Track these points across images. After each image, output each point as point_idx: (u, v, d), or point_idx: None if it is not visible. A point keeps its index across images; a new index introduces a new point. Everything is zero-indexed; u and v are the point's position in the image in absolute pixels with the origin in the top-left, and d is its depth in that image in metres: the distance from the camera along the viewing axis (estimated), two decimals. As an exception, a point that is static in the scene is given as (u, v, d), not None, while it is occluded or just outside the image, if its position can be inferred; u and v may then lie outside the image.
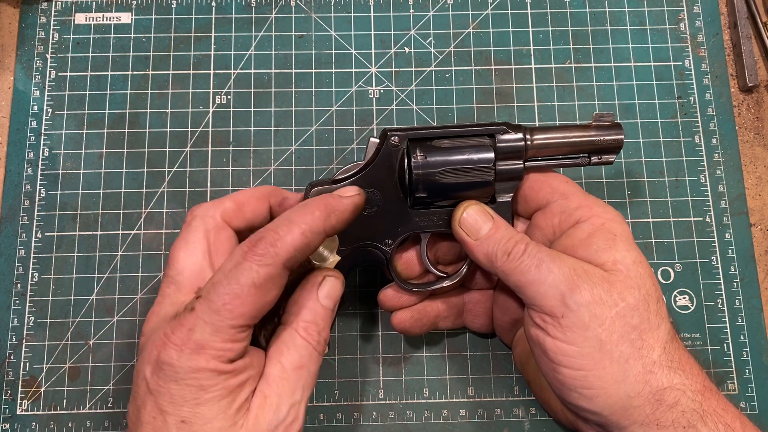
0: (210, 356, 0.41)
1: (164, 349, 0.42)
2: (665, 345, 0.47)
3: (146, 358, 0.43)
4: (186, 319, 0.42)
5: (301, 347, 0.46)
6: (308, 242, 0.45)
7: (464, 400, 0.62)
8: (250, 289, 0.43)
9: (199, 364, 0.41)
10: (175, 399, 0.41)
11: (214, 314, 0.42)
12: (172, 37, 0.69)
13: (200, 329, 0.42)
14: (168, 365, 0.41)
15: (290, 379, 0.45)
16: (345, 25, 0.70)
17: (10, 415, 0.61)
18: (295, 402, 0.45)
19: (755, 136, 0.68)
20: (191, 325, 0.42)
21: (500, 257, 0.49)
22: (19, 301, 0.63)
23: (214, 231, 0.49)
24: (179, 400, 0.41)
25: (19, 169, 0.66)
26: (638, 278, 0.48)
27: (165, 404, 0.41)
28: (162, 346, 0.42)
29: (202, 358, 0.41)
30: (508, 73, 0.69)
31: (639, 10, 0.70)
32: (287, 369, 0.45)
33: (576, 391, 0.47)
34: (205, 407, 0.42)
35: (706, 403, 0.47)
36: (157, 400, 0.42)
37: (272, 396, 0.44)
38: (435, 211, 0.53)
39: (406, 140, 0.52)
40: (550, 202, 0.53)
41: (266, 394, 0.44)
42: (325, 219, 0.47)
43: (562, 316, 0.47)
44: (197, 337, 0.41)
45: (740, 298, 0.64)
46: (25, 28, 0.69)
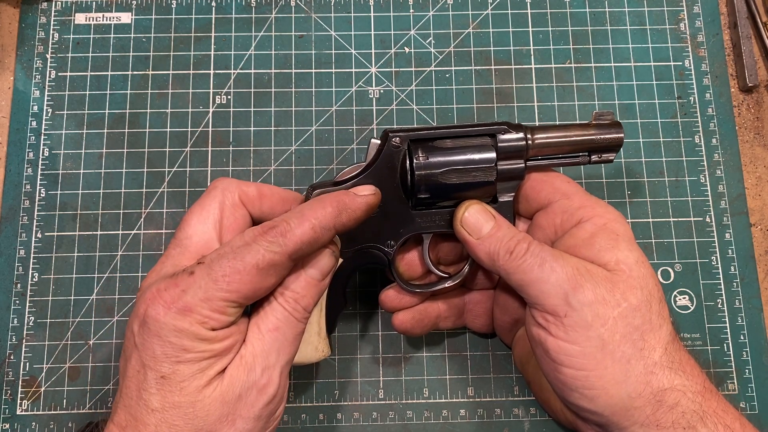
0: (194, 320, 0.43)
1: (153, 304, 0.43)
2: (666, 346, 0.48)
3: (136, 312, 0.44)
4: (181, 280, 0.43)
5: (277, 311, 0.47)
6: (317, 237, 0.46)
7: (464, 400, 0.62)
8: (252, 269, 0.44)
9: (182, 324, 0.42)
10: (157, 355, 0.42)
11: (210, 282, 0.43)
12: (172, 37, 0.69)
13: (192, 293, 0.43)
14: (153, 320, 0.43)
15: (264, 340, 0.46)
16: (345, 25, 0.70)
17: (10, 415, 0.60)
18: (269, 365, 0.45)
19: (755, 136, 0.68)
20: (185, 286, 0.43)
21: (502, 256, 0.49)
22: (19, 301, 0.63)
23: (231, 207, 0.50)
24: (161, 356, 0.42)
25: (19, 169, 0.66)
26: (641, 278, 0.48)
27: (147, 359, 0.43)
28: (151, 301, 0.43)
29: (187, 320, 0.42)
30: (508, 73, 0.69)
31: (639, 10, 0.70)
32: (262, 331, 0.46)
33: (577, 391, 0.47)
34: (184, 366, 0.43)
35: (706, 404, 0.47)
36: (141, 354, 0.43)
37: (246, 356, 0.45)
38: (437, 212, 0.53)
39: (407, 141, 0.52)
40: (552, 202, 0.53)
41: (242, 355, 0.45)
42: (336, 216, 0.47)
43: (565, 315, 0.47)
44: (187, 299, 0.43)
45: (740, 298, 0.64)
46: (25, 28, 0.69)
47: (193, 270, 0.44)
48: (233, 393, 0.44)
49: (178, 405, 0.43)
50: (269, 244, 0.44)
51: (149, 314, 0.43)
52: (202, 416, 0.43)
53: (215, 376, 0.44)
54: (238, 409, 0.44)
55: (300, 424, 0.61)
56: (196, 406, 0.43)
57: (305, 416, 0.61)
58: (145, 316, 0.43)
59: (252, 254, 0.44)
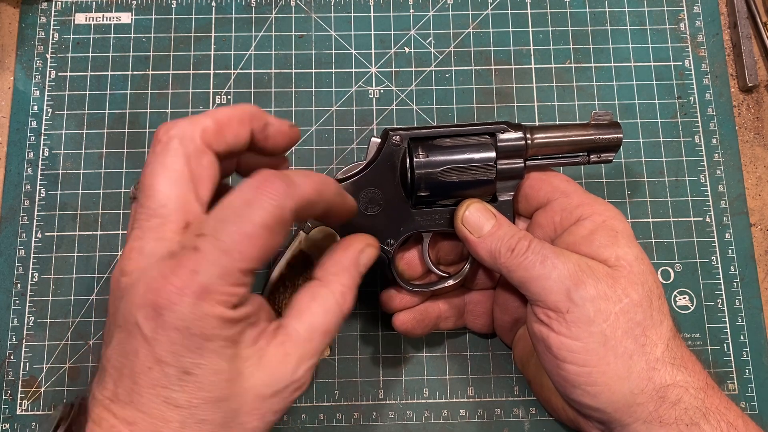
0: (215, 301, 0.38)
1: (163, 292, 0.37)
2: (668, 342, 0.48)
3: (138, 302, 0.38)
4: (188, 259, 0.38)
5: (334, 312, 0.44)
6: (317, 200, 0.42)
7: (464, 400, 0.62)
8: (262, 230, 0.39)
9: (203, 309, 0.37)
10: (177, 348, 0.37)
11: (223, 255, 0.38)
12: (172, 37, 0.69)
13: (206, 271, 0.37)
14: (168, 310, 0.37)
15: (315, 341, 0.43)
16: (345, 25, 0.70)
17: (10, 415, 0.60)
18: (312, 365, 0.42)
19: (755, 136, 0.68)
20: (195, 266, 0.38)
21: (504, 253, 0.49)
22: (19, 301, 0.63)
23: (195, 155, 0.42)
24: (181, 349, 0.37)
25: (19, 169, 0.66)
26: (641, 274, 0.48)
27: (164, 354, 0.37)
28: (160, 289, 0.37)
29: (207, 303, 0.37)
30: (508, 73, 0.69)
31: (639, 10, 0.70)
32: (316, 331, 0.43)
33: (580, 388, 0.47)
34: (210, 357, 0.38)
35: (709, 401, 0.47)
36: (154, 348, 0.38)
37: (293, 355, 0.41)
38: (437, 211, 0.53)
39: (407, 139, 0.52)
40: (551, 201, 0.53)
41: (288, 352, 0.41)
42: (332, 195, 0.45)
43: (567, 311, 0.47)
44: (202, 280, 0.37)
45: (740, 298, 0.64)
46: (25, 28, 0.69)
47: (197, 245, 0.38)
48: (271, 389, 0.41)
49: (207, 399, 0.38)
50: (275, 198, 0.39)
51: (161, 304, 0.37)
52: (234, 409, 0.39)
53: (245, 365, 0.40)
54: (272, 404, 0.41)
55: (300, 424, 0.61)
56: (229, 400, 0.39)
57: (305, 416, 0.61)
58: (155, 306, 0.37)
59: (258, 213, 0.39)
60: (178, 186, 0.41)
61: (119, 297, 0.40)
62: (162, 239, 0.40)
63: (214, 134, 0.43)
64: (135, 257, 0.40)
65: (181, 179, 0.41)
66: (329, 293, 0.44)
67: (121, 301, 0.39)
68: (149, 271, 0.39)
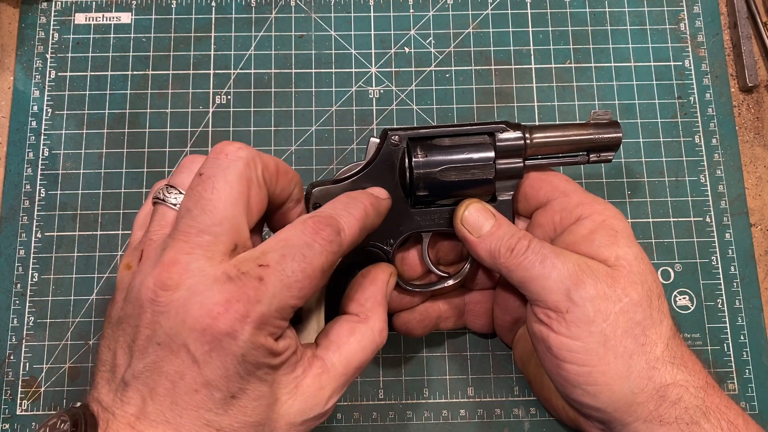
0: (267, 332, 0.39)
1: (224, 318, 0.37)
2: (668, 341, 0.48)
3: (190, 324, 0.38)
4: (251, 288, 0.38)
5: (370, 348, 0.45)
6: (361, 238, 0.45)
7: (464, 400, 0.62)
8: (318, 272, 0.40)
9: (259, 339, 0.38)
10: (230, 374, 0.38)
11: (284, 290, 0.39)
12: (172, 37, 0.69)
13: (267, 303, 0.38)
14: (229, 337, 0.37)
15: (349, 376, 0.44)
16: (345, 25, 0.70)
17: (9, 415, 0.60)
18: (338, 396, 0.43)
19: (755, 136, 0.68)
20: (259, 296, 0.38)
21: (503, 253, 0.49)
22: (19, 301, 0.63)
23: (255, 184, 0.43)
24: (233, 375, 0.38)
25: (19, 169, 0.66)
26: (641, 274, 0.48)
27: (214, 378, 0.38)
28: (222, 314, 0.37)
29: (262, 334, 0.38)
30: (508, 73, 0.69)
31: (639, 10, 0.70)
32: (352, 367, 0.44)
33: (580, 388, 0.47)
34: (254, 384, 0.39)
35: (709, 400, 0.47)
36: (204, 372, 0.38)
37: (328, 388, 0.42)
38: (436, 210, 0.53)
39: (406, 139, 0.52)
40: (551, 200, 0.53)
41: (323, 385, 0.42)
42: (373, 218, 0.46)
43: (567, 311, 0.47)
44: (262, 311, 0.38)
45: (740, 298, 0.64)
46: (25, 28, 0.69)
47: (261, 275, 0.39)
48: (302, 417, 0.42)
49: (247, 424, 0.39)
50: (330, 245, 0.41)
51: (221, 329, 0.37)
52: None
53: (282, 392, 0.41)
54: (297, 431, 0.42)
55: (300, 424, 0.61)
56: (265, 425, 0.40)
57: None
58: (214, 331, 0.37)
59: (317, 256, 0.40)
60: (236, 207, 0.41)
61: (159, 312, 0.39)
62: (211, 258, 0.39)
63: (272, 175, 0.44)
64: (179, 272, 0.39)
65: (240, 201, 0.41)
66: (368, 330, 0.45)
67: (163, 317, 0.38)
68: (205, 292, 0.38)
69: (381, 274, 0.49)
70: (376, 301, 0.47)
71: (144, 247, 0.42)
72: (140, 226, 0.46)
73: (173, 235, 0.40)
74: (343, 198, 0.46)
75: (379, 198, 0.49)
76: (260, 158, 0.43)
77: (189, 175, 0.44)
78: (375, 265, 0.51)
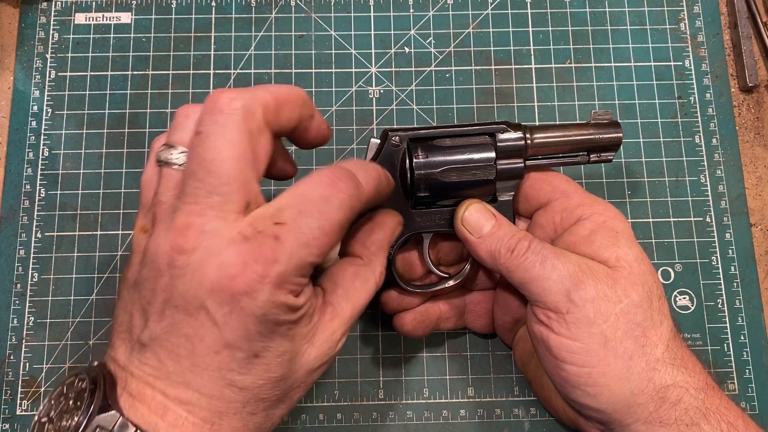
0: (287, 290, 0.38)
1: (242, 278, 0.37)
2: (668, 342, 0.48)
3: (208, 286, 0.37)
4: (269, 248, 0.38)
5: (372, 291, 0.46)
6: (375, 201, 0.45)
7: (464, 400, 0.62)
8: (336, 227, 0.40)
9: (279, 298, 0.38)
10: (251, 334, 0.38)
11: (302, 248, 0.38)
12: (172, 37, 0.69)
13: (285, 262, 0.38)
14: (248, 297, 0.37)
15: (355, 317, 0.44)
16: (345, 25, 0.70)
17: (9, 415, 0.60)
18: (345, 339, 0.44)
19: (755, 136, 0.68)
20: (275, 255, 0.37)
21: (504, 254, 0.49)
22: (19, 301, 0.63)
23: (257, 132, 0.41)
24: (254, 335, 0.38)
25: (19, 169, 0.66)
26: (641, 275, 0.48)
27: (235, 339, 0.38)
28: (239, 274, 0.37)
29: (282, 292, 0.38)
30: (508, 73, 0.69)
31: (639, 10, 0.70)
32: (357, 309, 0.44)
33: (580, 389, 0.47)
34: (277, 341, 0.39)
35: (709, 401, 0.47)
36: (224, 333, 0.38)
37: (339, 332, 0.43)
38: (437, 211, 0.53)
39: (406, 140, 0.52)
40: (551, 201, 0.53)
41: (335, 329, 0.43)
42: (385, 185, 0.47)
43: (567, 311, 0.47)
44: (280, 270, 0.37)
45: (740, 298, 0.64)
46: (25, 28, 0.69)
47: (277, 233, 0.38)
48: (319, 362, 0.42)
49: (271, 380, 0.40)
50: (348, 198, 0.40)
51: (239, 290, 0.37)
52: (290, 385, 0.41)
53: (302, 344, 0.41)
54: (315, 376, 0.43)
55: (300, 424, 0.61)
56: (288, 378, 0.41)
57: (305, 416, 0.61)
58: (233, 292, 0.37)
59: (336, 211, 0.40)
60: (241, 163, 0.40)
61: (176, 275, 0.38)
62: (225, 219, 0.39)
63: (273, 113, 0.42)
64: (194, 235, 0.38)
65: (244, 156, 0.40)
66: (371, 273, 0.46)
67: (180, 281, 0.38)
68: (222, 254, 0.38)
69: (389, 220, 0.50)
70: (381, 245, 0.48)
71: (156, 209, 0.42)
72: (148, 187, 0.45)
73: (182, 198, 0.40)
74: (353, 161, 0.46)
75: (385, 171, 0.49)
76: (257, 101, 0.41)
77: (186, 131, 0.42)
78: (382, 211, 0.51)
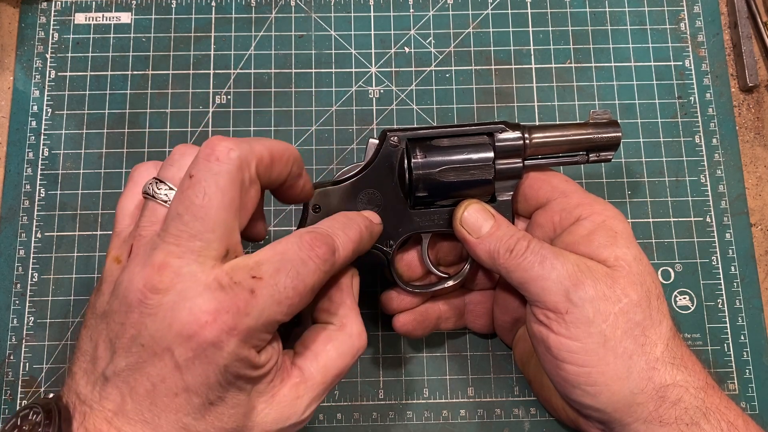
0: (251, 345, 0.39)
1: (211, 328, 0.37)
2: (668, 341, 0.48)
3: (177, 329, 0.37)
4: (242, 300, 0.38)
5: (349, 355, 0.45)
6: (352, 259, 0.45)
7: (464, 400, 0.62)
8: (309, 290, 0.41)
9: (242, 352, 0.38)
10: (210, 382, 0.38)
11: (274, 304, 0.39)
12: (171, 37, 0.69)
13: (256, 316, 0.38)
14: (214, 348, 0.37)
15: (328, 384, 0.44)
16: (345, 25, 0.70)
17: (9, 415, 0.60)
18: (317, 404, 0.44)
19: (755, 136, 0.68)
20: (248, 308, 0.38)
21: (503, 254, 0.49)
22: (19, 301, 0.63)
23: (248, 184, 0.42)
24: (213, 383, 0.38)
25: (18, 169, 0.66)
26: (640, 275, 0.48)
27: (195, 384, 0.38)
28: (209, 323, 0.37)
29: (246, 346, 0.38)
30: (508, 73, 0.69)
31: (639, 10, 0.70)
32: (330, 375, 0.44)
33: (579, 388, 0.47)
34: (232, 392, 0.39)
35: (709, 400, 0.47)
36: (185, 377, 0.38)
37: (305, 398, 0.42)
38: (436, 211, 0.53)
39: (405, 140, 0.52)
40: (550, 200, 0.53)
41: (300, 394, 0.42)
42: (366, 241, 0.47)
43: (566, 311, 0.47)
44: (250, 324, 0.38)
45: (740, 298, 0.64)
46: (24, 28, 0.69)
47: (253, 287, 0.39)
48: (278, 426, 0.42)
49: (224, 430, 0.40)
50: (323, 263, 0.41)
51: (207, 339, 0.37)
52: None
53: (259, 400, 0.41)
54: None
55: (300, 424, 0.61)
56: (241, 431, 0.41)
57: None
58: (200, 340, 0.37)
59: (311, 274, 0.40)
60: (228, 212, 0.40)
61: (147, 314, 0.38)
62: (203, 264, 0.39)
63: (266, 167, 0.43)
64: (170, 276, 0.38)
65: (232, 206, 0.40)
66: (346, 336, 0.45)
67: (150, 320, 0.38)
68: (196, 298, 0.38)
69: (342, 278, 0.48)
70: (347, 306, 0.47)
71: (134, 242, 0.42)
72: (126, 215, 0.45)
73: (163, 237, 0.40)
74: (341, 218, 0.47)
75: (373, 222, 0.50)
76: (253, 154, 0.42)
77: (179, 169, 0.43)
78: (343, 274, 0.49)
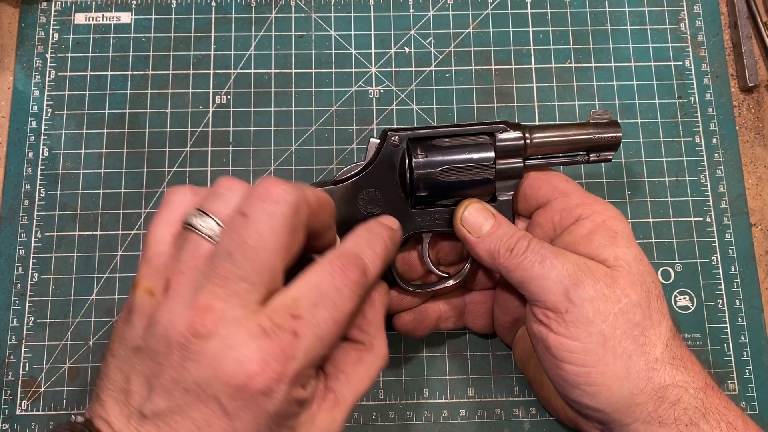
0: (299, 384, 0.38)
1: (261, 377, 0.36)
2: (667, 342, 0.48)
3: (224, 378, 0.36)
4: (287, 344, 0.37)
5: (375, 376, 0.44)
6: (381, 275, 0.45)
7: (464, 400, 0.62)
8: (347, 318, 0.40)
9: (292, 394, 0.37)
10: (260, 428, 0.37)
11: (317, 341, 0.38)
12: (171, 37, 0.69)
13: (302, 358, 0.37)
14: (264, 396, 0.36)
15: (355, 403, 0.43)
16: (345, 25, 0.70)
17: (9, 415, 0.60)
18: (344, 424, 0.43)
19: (755, 136, 0.68)
20: (293, 352, 0.37)
21: (503, 254, 0.49)
22: (19, 301, 0.63)
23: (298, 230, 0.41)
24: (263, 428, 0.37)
25: (18, 169, 0.66)
26: (640, 275, 0.48)
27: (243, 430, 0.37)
28: (258, 373, 0.36)
29: (295, 388, 0.38)
30: (508, 73, 0.69)
31: (639, 10, 0.70)
32: (359, 395, 0.43)
33: (579, 388, 0.47)
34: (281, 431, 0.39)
35: (708, 401, 0.47)
36: (234, 424, 0.37)
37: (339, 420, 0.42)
38: (436, 211, 0.53)
39: (406, 140, 0.52)
40: (551, 200, 0.53)
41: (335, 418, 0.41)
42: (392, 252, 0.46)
43: (566, 311, 0.47)
44: (297, 367, 0.37)
45: (740, 298, 0.64)
46: (24, 28, 0.69)
47: (296, 329, 0.37)
48: None
49: None
50: (357, 287, 0.40)
51: (258, 389, 0.36)
52: None
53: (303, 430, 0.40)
54: None
55: (300, 424, 0.61)
56: None
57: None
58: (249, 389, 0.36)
59: (347, 302, 0.39)
60: (277, 257, 0.39)
61: (189, 359, 0.37)
62: (246, 308, 0.38)
63: (314, 214, 0.42)
64: (213, 320, 0.37)
65: (281, 251, 0.39)
66: (374, 357, 0.44)
67: (193, 365, 0.37)
68: (241, 347, 0.37)
69: (377, 296, 0.47)
70: (378, 326, 0.46)
71: (172, 277, 0.40)
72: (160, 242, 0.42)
73: (209, 277, 0.38)
74: (363, 233, 0.45)
75: (394, 230, 0.48)
76: (306, 200, 0.40)
77: (226, 204, 0.41)
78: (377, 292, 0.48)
